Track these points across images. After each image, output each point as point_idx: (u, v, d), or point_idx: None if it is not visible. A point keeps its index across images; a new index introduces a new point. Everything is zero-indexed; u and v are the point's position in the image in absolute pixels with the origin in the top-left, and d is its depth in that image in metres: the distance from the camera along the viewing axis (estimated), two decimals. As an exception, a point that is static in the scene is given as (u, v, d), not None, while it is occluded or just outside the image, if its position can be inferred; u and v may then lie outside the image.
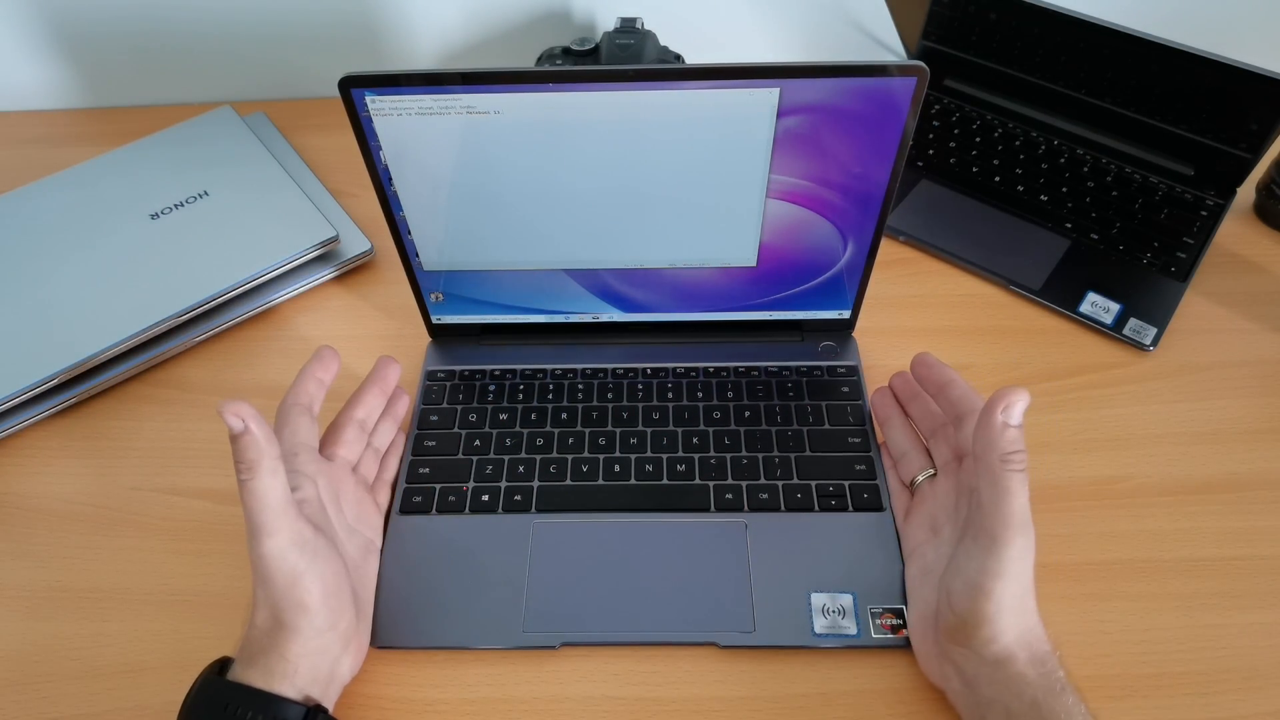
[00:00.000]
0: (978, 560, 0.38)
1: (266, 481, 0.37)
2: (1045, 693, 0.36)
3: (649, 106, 0.43)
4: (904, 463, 0.48)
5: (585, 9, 0.73)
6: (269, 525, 0.37)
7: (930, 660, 0.41)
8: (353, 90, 0.43)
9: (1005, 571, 0.37)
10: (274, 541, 0.37)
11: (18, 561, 0.49)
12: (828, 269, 0.52)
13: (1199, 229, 0.63)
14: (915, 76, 0.41)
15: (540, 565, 0.46)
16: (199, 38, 0.73)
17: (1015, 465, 0.37)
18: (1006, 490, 0.37)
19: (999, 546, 0.37)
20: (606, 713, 0.42)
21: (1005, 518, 0.37)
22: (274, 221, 0.61)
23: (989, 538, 0.37)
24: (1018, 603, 0.37)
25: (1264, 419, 0.53)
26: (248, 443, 0.37)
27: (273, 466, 0.37)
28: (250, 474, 0.37)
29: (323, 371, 0.46)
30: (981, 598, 0.37)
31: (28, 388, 0.52)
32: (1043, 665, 0.37)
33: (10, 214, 0.62)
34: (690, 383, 0.54)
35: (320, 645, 0.39)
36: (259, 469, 0.37)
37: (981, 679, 0.38)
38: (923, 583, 0.43)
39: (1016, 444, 0.38)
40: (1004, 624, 0.37)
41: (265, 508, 0.37)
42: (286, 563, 0.37)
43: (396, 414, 0.52)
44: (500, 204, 0.48)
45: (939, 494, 0.45)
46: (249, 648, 0.38)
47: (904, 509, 0.47)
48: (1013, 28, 0.66)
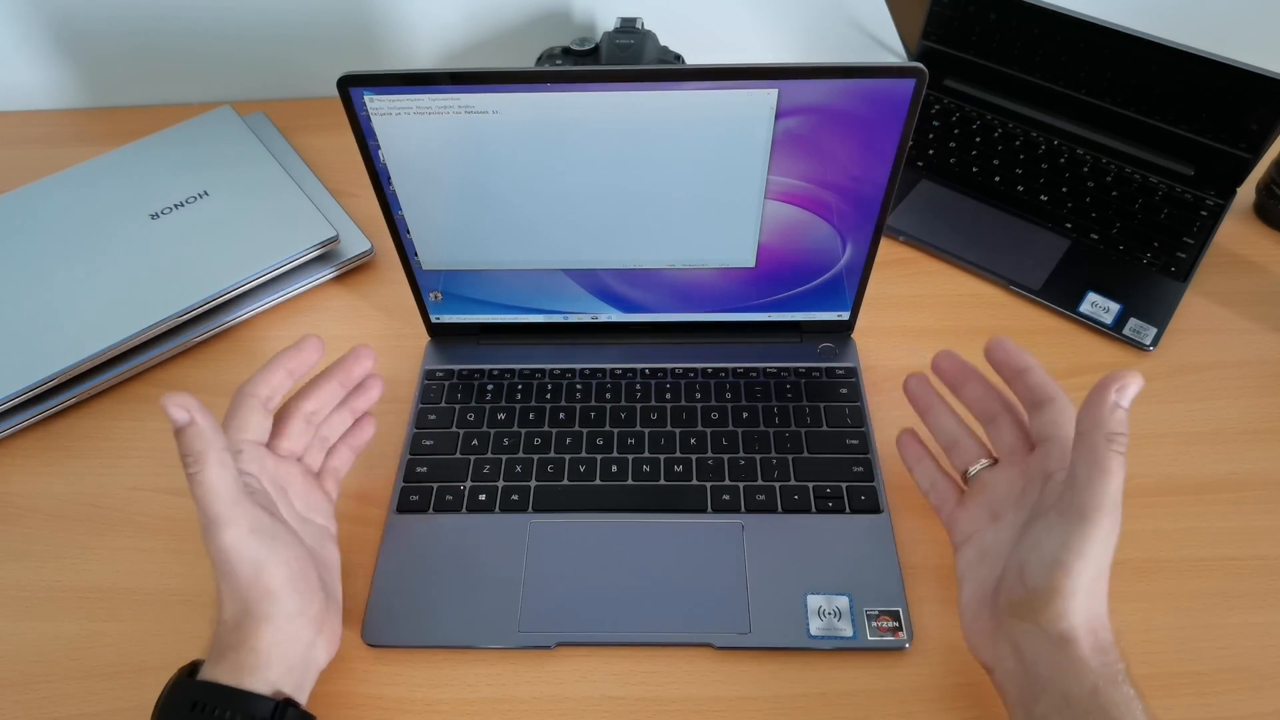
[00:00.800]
0: (1061, 535, 0.37)
1: (215, 472, 0.36)
2: (1106, 681, 0.35)
3: (648, 107, 0.43)
4: (957, 450, 0.46)
5: (585, 9, 0.73)
6: (224, 516, 0.37)
7: (983, 637, 0.40)
8: (351, 90, 0.43)
9: (1088, 551, 0.36)
10: (231, 532, 0.37)
11: (17, 561, 0.49)
12: (826, 270, 0.52)
13: (1199, 229, 0.62)
14: (914, 78, 0.41)
15: (537, 565, 0.46)
16: (199, 38, 0.73)
17: (1118, 446, 0.37)
18: (1105, 469, 0.36)
19: (1088, 525, 0.36)
20: (606, 713, 0.42)
21: (1099, 497, 0.36)
22: (274, 221, 0.61)
23: (1078, 514, 0.37)
24: (1092, 585, 0.37)
25: (1264, 419, 0.53)
26: (193, 434, 0.36)
27: (220, 457, 0.37)
28: (198, 466, 0.36)
29: (294, 362, 0.44)
30: (1060, 572, 0.36)
31: (28, 387, 0.52)
32: (1105, 654, 0.36)
33: (10, 214, 0.62)
34: (688, 383, 0.54)
35: (291, 632, 0.39)
36: (206, 460, 0.36)
37: (1041, 659, 0.37)
38: (980, 563, 0.42)
39: (1123, 425, 0.37)
40: (1076, 602, 0.36)
41: (217, 499, 0.36)
42: (248, 551, 0.37)
43: (355, 405, 0.49)
44: (499, 204, 0.48)
45: (1002, 482, 0.43)
46: (217, 646, 0.38)
47: (954, 498, 0.45)
48: (1013, 28, 0.66)
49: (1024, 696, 0.38)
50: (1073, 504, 0.37)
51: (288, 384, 0.44)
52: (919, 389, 0.48)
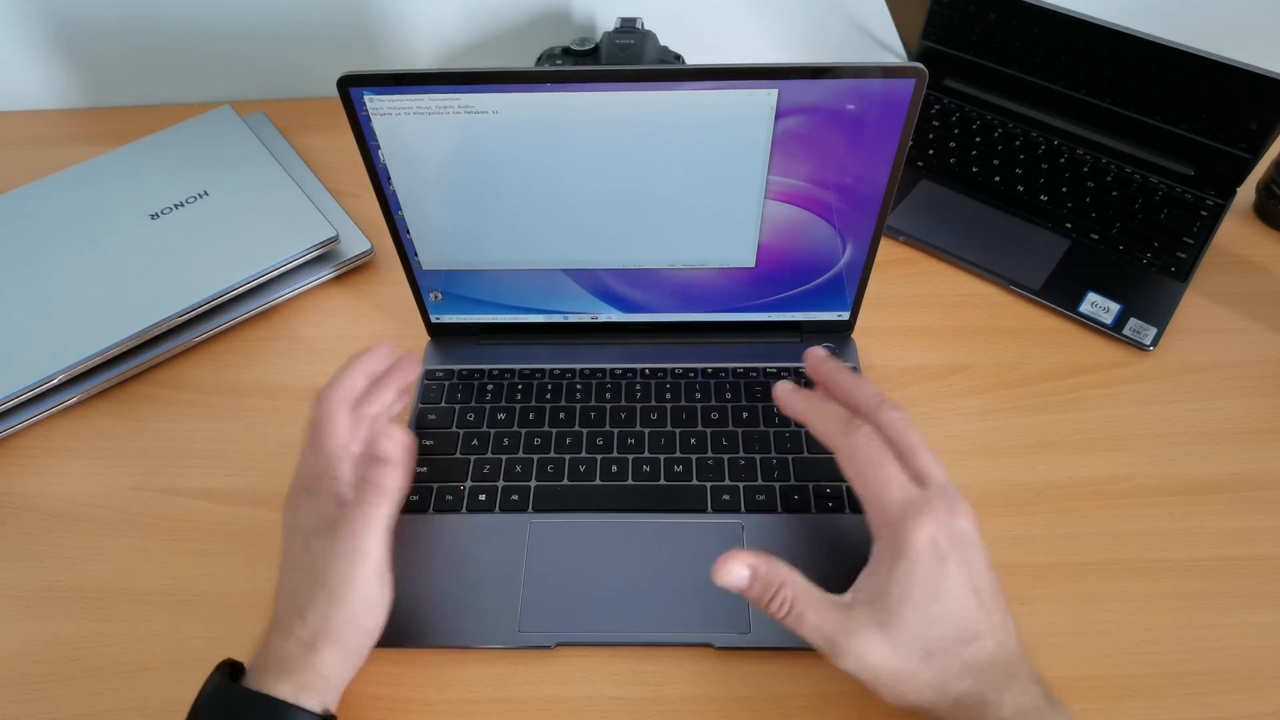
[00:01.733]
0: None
1: (385, 510, 0.38)
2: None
3: (648, 107, 0.43)
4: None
5: (585, 9, 0.73)
6: (371, 551, 0.38)
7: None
8: (351, 90, 0.43)
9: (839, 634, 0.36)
10: (369, 568, 0.38)
11: (18, 561, 0.49)
12: (826, 270, 0.52)
13: (1199, 229, 0.62)
14: (914, 78, 0.41)
15: (537, 565, 0.46)
16: (199, 38, 0.73)
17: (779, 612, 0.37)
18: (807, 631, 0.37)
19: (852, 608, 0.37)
20: (605, 713, 0.42)
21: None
22: (274, 221, 0.61)
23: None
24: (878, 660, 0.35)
25: (1264, 419, 0.53)
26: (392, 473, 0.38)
27: (396, 500, 0.38)
28: (380, 498, 0.38)
29: (371, 365, 0.45)
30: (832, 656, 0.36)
31: (28, 387, 0.52)
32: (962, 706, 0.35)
33: (10, 214, 0.62)
34: (688, 383, 0.54)
35: (356, 662, 0.39)
36: (390, 498, 0.38)
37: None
38: None
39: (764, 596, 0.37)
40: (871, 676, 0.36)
41: (376, 535, 0.38)
42: (370, 590, 0.38)
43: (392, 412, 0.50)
44: (499, 204, 0.48)
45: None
46: (283, 661, 0.37)
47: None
48: (1013, 28, 0.66)
49: None
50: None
51: (364, 387, 0.45)
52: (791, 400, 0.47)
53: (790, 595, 0.36)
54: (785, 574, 0.37)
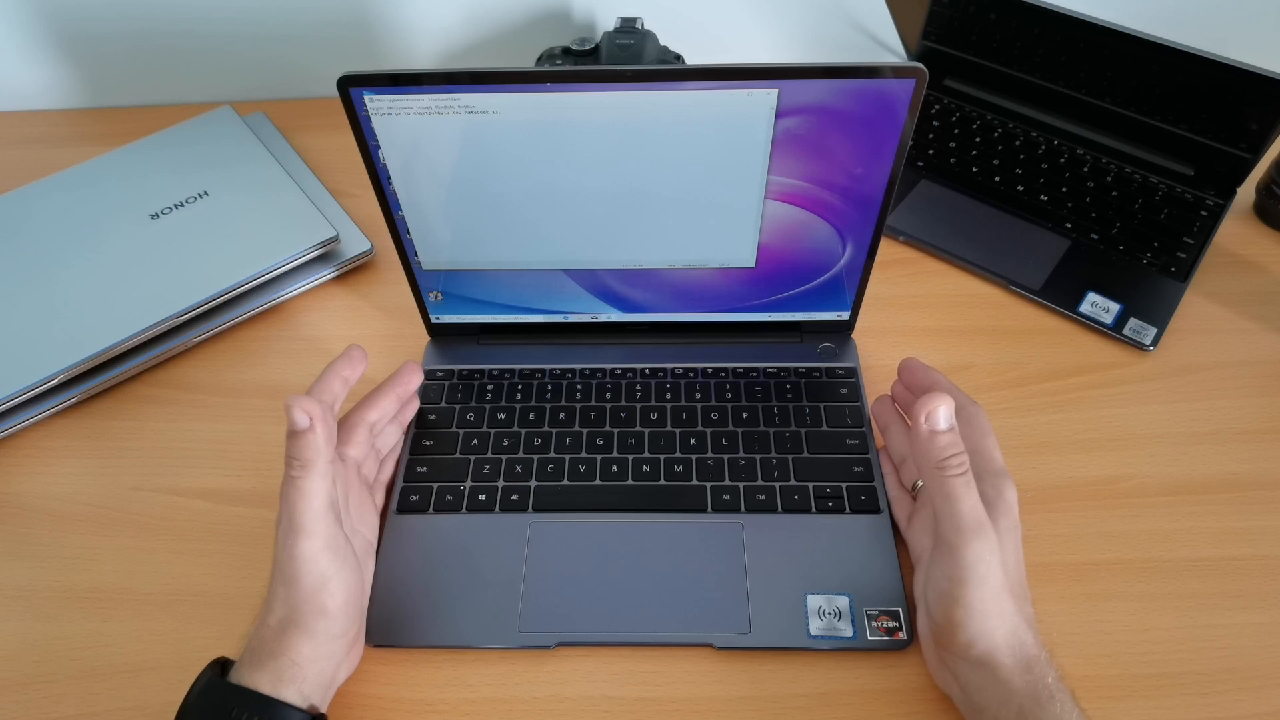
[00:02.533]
0: (943, 567, 0.38)
1: (316, 483, 0.37)
2: (1031, 701, 0.36)
3: (648, 107, 0.43)
4: (904, 468, 0.48)
5: (585, 9, 0.73)
6: (309, 526, 0.37)
7: (934, 668, 0.41)
8: (351, 90, 0.43)
9: (968, 576, 0.37)
10: (311, 543, 0.37)
11: (18, 561, 0.49)
12: (827, 270, 0.52)
13: (1199, 229, 0.62)
14: (914, 78, 0.41)
15: (537, 565, 0.46)
16: (199, 38, 0.73)
17: (953, 470, 0.37)
18: (950, 496, 0.37)
19: (957, 552, 0.37)
20: (606, 713, 0.42)
21: (956, 523, 0.37)
22: (274, 221, 0.61)
23: (948, 545, 0.38)
24: (989, 605, 0.37)
25: (1264, 419, 0.53)
26: (309, 441, 0.37)
27: (325, 469, 0.37)
28: (303, 472, 0.37)
29: (349, 370, 0.45)
30: (951, 604, 0.37)
31: (28, 387, 0.52)
32: (1029, 671, 0.36)
33: (10, 214, 0.62)
34: (688, 383, 0.54)
35: (330, 650, 0.39)
36: (313, 469, 0.37)
37: (972, 686, 0.38)
38: (924, 592, 0.42)
39: (950, 448, 0.38)
40: (977, 628, 0.37)
41: (310, 509, 0.37)
42: (318, 565, 0.37)
43: (403, 419, 0.51)
44: (499, 204, 0.48)
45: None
46: (258, 650, 0.38)
47: (907, 514, 0.47)
48: (1013, 28, 0.66)
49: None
50: (942, 538, 0.38)
51: (345, 392, 0.45)
52: (881, 409, 0.50)
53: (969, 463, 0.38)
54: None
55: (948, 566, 0.38)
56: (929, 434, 0.38)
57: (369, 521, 0.46)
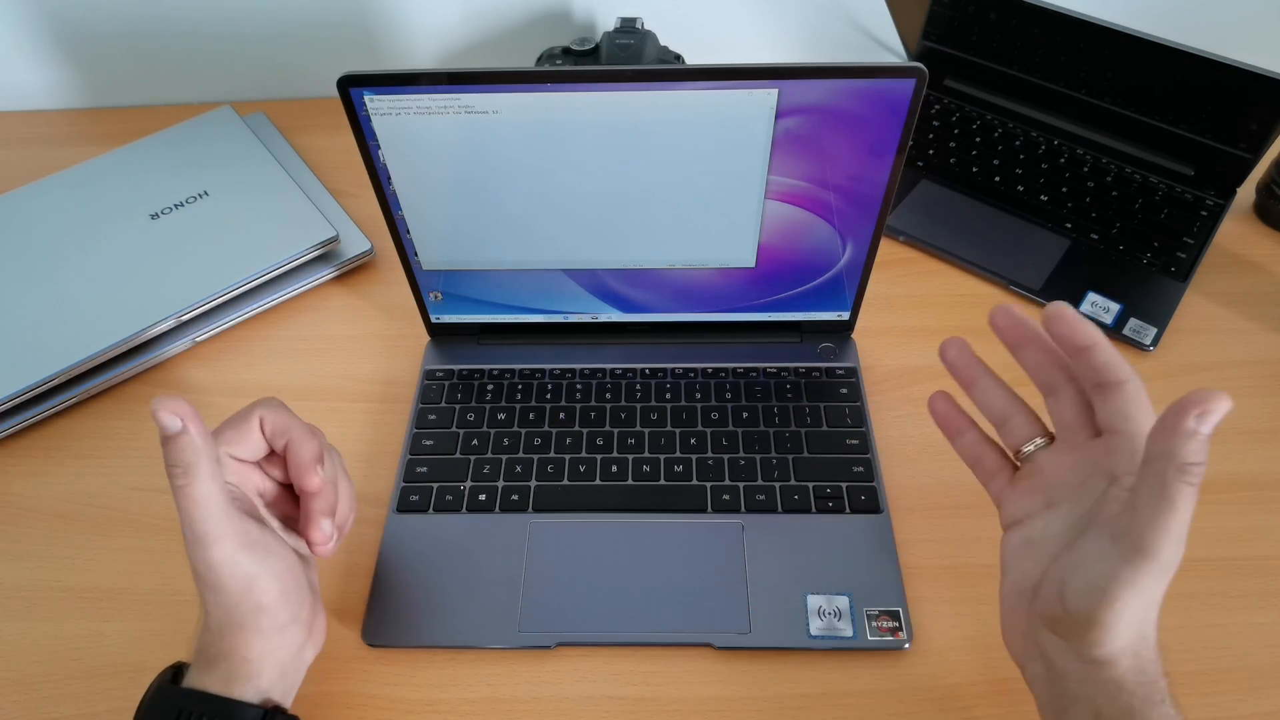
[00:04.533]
0: (1110, 564, 0.33)
1: (205, 486, 0.35)
2: (1142, 701, 0.34)
3: (648, 107, 0.43)
4: (1009, 428, 0.40)
5: (585, 9, 0.73)
6: (213, 532, 0.35)
7: (1016, 635, 0.38)
8: (351, 90, 0.43)
9: (1139, 584, 0.33)
10: (221, 548, 0.35)
11: (18, 561, 0.49)
12: (826, 270, 0.52)
13: (1199, 229, 0.62)
14: (914, 78, 0.41)
15: (537, 565, 0.46)
16: (199, 38, 0.73)
17: (1191, 478, 0.32)
18: (1172, 504, 0.31)
19: (1142, 559, 0.32)
20: (606, 713, 0.42)
21: (1160, 532, 0.32)
22: (274, 221, 0.61)
23: (1134, 547, 0.32)
24: (1140, 614, 0.34)
25: (1264, 419, 0.53)
26: (184, 444, 0.35)
27: (211, 470, 0.35)
28: (187, 478, 0.34)
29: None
30: (1103, 604, 0.33)
31: (28, 387, 0.52)
32: (1144, 674, 0.34)
33: (10, 214, 0.62)
34: (688, 383, 0.54)
35: (282, 641, 0.38)
36: (196, 472, 0.34)
37: (1071, 674, 0.35)
38: (1025, 553, 0.38)
39: (1199, 455, 0.32)
40: (1118, 632, 0.34)
41: (207, 515, 0.35)
42: (239, 568, 0.36)
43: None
44: (499, 204, 0.48)
45: (1059, 467, 0.38)
46: (205, 653, 0.37)
47: (1004, 474, 0.40)
48: (1013, 28, 0.66)
49: (1052, 703, 0.36)
50: (1129, 534, 0.33)
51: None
52: (961, 358, 0.42)
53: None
54: None
55: (1119, 567, 0.33)
56: (1191, 433, 0.32)
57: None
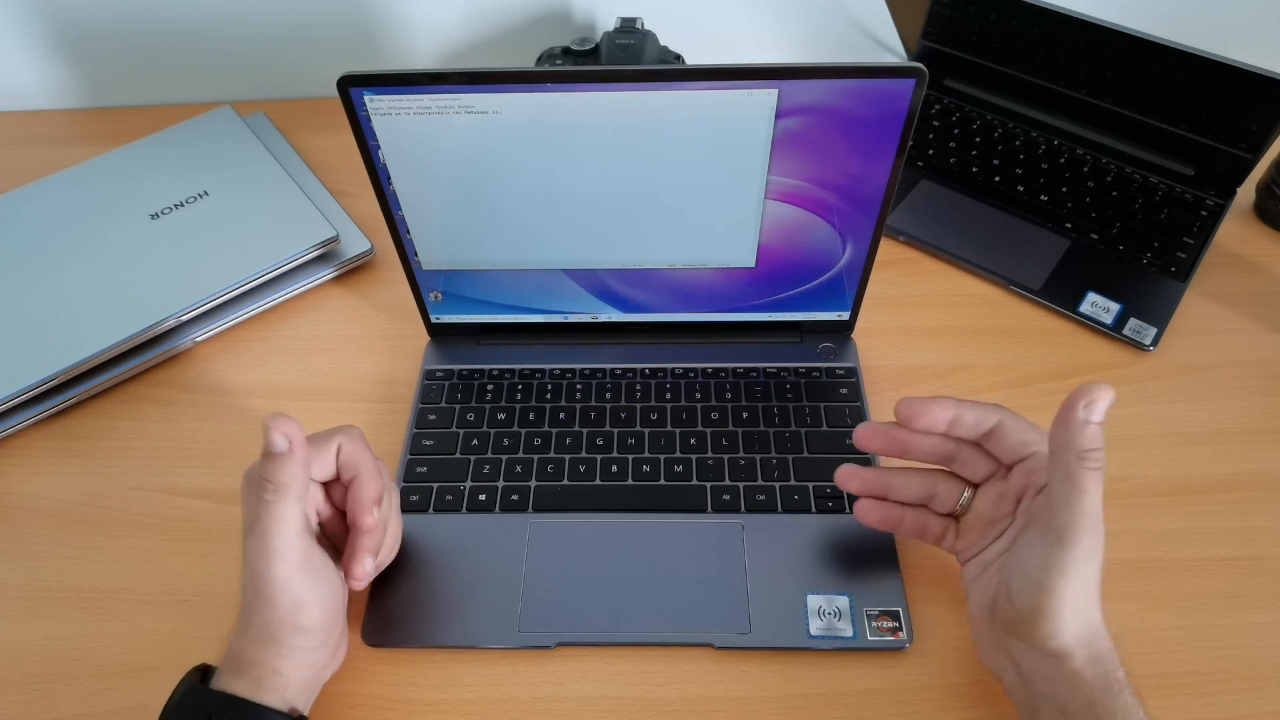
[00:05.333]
0: (1042, 556, 0.36)
1: (291, 508, 0.36)
2: (1102, 693, 0.36)
3: (648, 107, 0.43)
4: (938, 500, 0.44)
5: (585, 9, 0.73)
6: (283, 551, 0.37)
7: (986, 650, 0.41)
8: (351, 90, 0.43)
9: (1070, 570, 0.36)
10: (284, 567, 0.37)
11: (18, 561, 0.49)
12: (826, 270, 0.52)
13: (1199, 229, 0.62)
14: (914, 78, 0.41)
15: (537, 565, 0.46)
16: (199, 38, 0.73)
17: (1092, 463, 0.36)
18: (1080, 488, 0.36)
19: (1066, 544, 0.36)
20: (605, 713, 0.42)
21: (1076, 515, 0.36)
22: (274, 221, 0.61)
23: (1056, 535, 0.36)
24: (1080, 601, 0.36)
25: (1264, 419, 0.53)
26: (285, 465, 0.36)
27: (300, 494, 0.37)
28: (277, 496, 0.36)
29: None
30: (1043, 594, 0.36)
31: (28, 388, 0.52)
32: (1101, 664, 0.36)
33: (10, 214, 0.62)
34: (688, 383, 0.54)
35: (311, 659, 0.39)
36: (288, 494, 0.36)
37: (1037, 674, 0.37)
38: (981, 574, 0.41)
39: (1096, 441, 0.36)
40: (1064, 621, 0.36)
41: (284, 533, 0.36)
42: (292, 588, 0.37)
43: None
44: (499, 204, 0.48)
45: (992, 504, 0.42)
46: (238, 657, 0.38)
47: (951, 531, 0.44)
48: (1013, 28, 0.66)
49: (1027, 706, 0.38)
50: (1051, 524, 0.36)
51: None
52: (871, 476, 0.44)
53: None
54: None
55: (1049, 556, 0.36)
56: (1083, 423, 0.36)
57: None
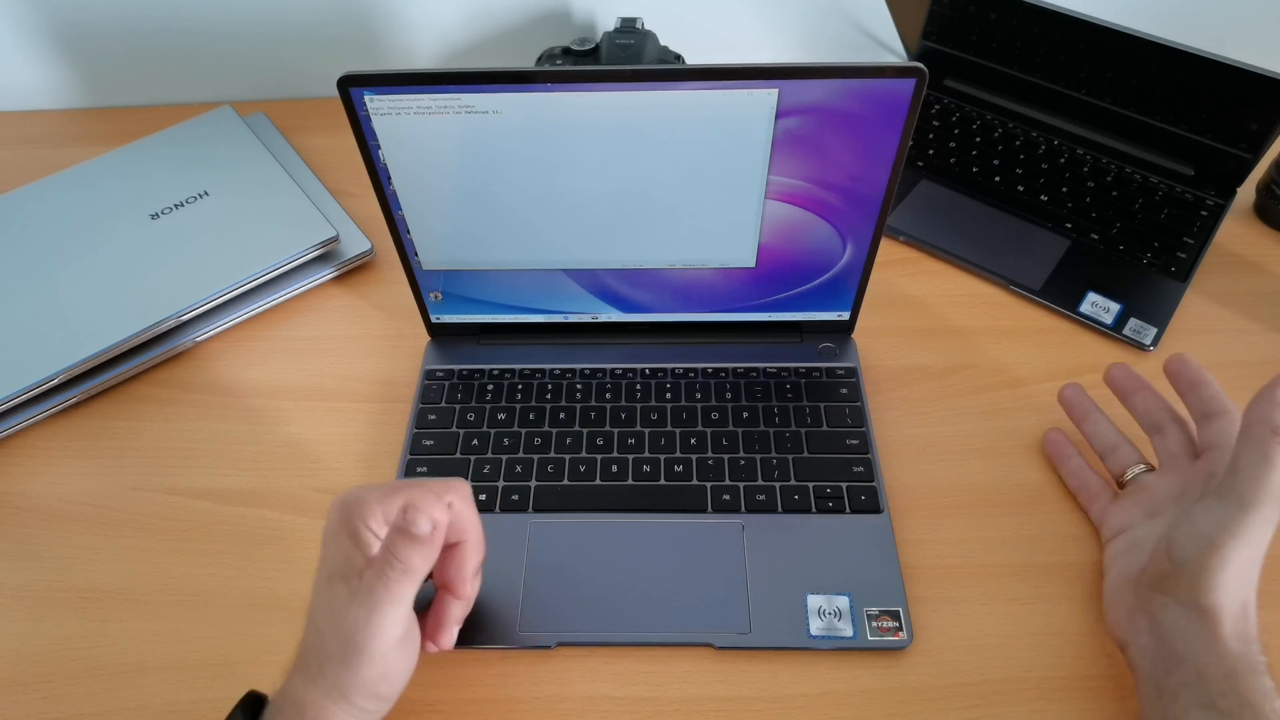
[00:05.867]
0: (1218, 516, 0.37)
1: (410, 590, 0.36)
2: (1246, 666, 0.36)
3: (648, 107, 0.43)
4: (1115, 456, 0.48)
5: (585, 9, 0.73)
6: (389, 629, 0.36)
7: (1121, 612, 0.41)
8: (351, 90, 0.43)
9: (1243, 534, 0.37)
10: (386, 643, 0.36)
11: (18, 561, 0.49)
12: (827, 270, 0.52)
13: (1199, 229, 0.62)
14: (914, 78, 0.41)
15: (537, 565, 0.46)
16: (199, 38, 0.73)
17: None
18: (1269, 460, 0.37)
19: (1246, 509, 0.37)
20: (606, 713, 0.42)
21: (1261, 484, 0.37)
22: (274, 221, 0.61)
23: (1238, 500, 0.37)
24: (1244, 567, 0.37)
25: (1264, 419, 0.53)
26: (422, 550, 0.36)
27: (421, 577, 0.37)
28: (404, 579, 0.36)
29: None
30: (1210, 550, 0.37)
31: (28, 387, 0.52)
32: (1247, 642, 0.37)
33: (10, 214, 0.62)
34: (689, 383, 0.54)
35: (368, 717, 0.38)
36: (413, 578, 0.36)
37: (1178, 633, 0.38)
38: (1129, 552, 0.43)
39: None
40: (1222, 579, 0.37)
41: (397, 613, 0.36)
42: (386, 662, 0.36)
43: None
44: (499, 204, 0.48)
45: (1161, 484, 0.45)
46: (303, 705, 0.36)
47: (1106, 496, 0.47)
48: (1013, 28, 0.66)
49: (1156, 670, 0.38)
50: (1233, 489, 0.37)
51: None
52: (1075, 397, 0.51)
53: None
54: None
55: (1226, 517, 0.37)
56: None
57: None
